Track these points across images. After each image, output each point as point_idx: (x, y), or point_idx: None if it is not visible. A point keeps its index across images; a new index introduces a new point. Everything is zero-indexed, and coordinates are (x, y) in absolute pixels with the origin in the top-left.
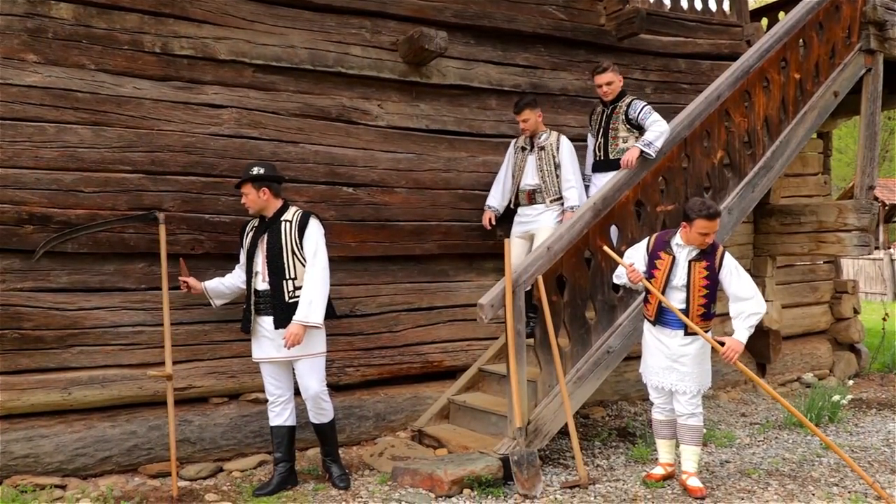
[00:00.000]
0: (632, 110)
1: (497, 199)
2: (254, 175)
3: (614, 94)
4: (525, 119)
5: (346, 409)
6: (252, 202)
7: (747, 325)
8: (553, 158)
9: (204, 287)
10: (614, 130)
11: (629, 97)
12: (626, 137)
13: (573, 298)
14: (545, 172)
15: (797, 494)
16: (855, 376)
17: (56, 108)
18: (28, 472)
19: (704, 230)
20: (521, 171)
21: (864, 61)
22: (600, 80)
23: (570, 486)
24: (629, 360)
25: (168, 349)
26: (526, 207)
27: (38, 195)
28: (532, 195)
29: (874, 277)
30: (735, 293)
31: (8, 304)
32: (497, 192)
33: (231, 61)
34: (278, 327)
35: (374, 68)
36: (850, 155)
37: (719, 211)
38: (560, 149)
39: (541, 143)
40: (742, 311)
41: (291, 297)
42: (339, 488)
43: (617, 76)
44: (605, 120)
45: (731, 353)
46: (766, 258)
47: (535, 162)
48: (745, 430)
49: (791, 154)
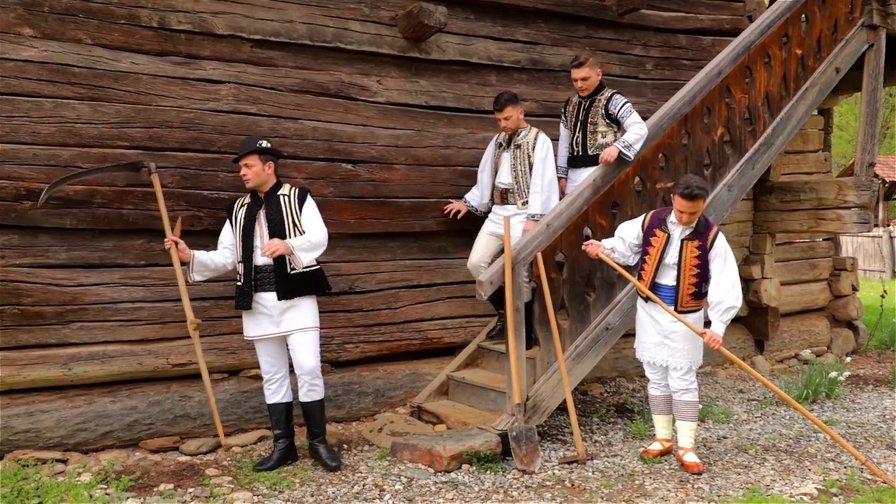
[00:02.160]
0: (612, 105)
1: (476, 196)
2: (262, 147)
3: (591, 88)
4: (507, 116)
5: (346, 386)
6: (255, 175)
7: (724, 319)
8: (528, 158)
9: (192, 256)
10: (593, 125)
11: (609, 90)
12: (606, 132)
13: (572, 275)
14: (518, 172)
15: (793, 470)
16: (852, 353)
17: (53, 83)
18: (29, 446)
19: (682, 209)
20: (497, 168)
21: (867, 37)
22: (577, 74)
23: (568, 462)
24: (628, 337)
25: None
26: (499, 207)
27: (35, 171)
28: (504, 195)
29: (873, 255)
30: (716, 278)
31: (7, 279)
32: (476, 189)
33: (229, 36)
34: (281, 298)
35: (374, 44)
36: (850, 132)
37: (700, 194)
38: (535, 148)
39: (518, 141)
40: (720, 303)
41: (293, 268)
42: (330, 469)
43: (594, 70)
44: (583, 114)
45: (714, 342)
46: (766, 235)
47: (510, 160)
48: (743, 407)
49: (792, 131)
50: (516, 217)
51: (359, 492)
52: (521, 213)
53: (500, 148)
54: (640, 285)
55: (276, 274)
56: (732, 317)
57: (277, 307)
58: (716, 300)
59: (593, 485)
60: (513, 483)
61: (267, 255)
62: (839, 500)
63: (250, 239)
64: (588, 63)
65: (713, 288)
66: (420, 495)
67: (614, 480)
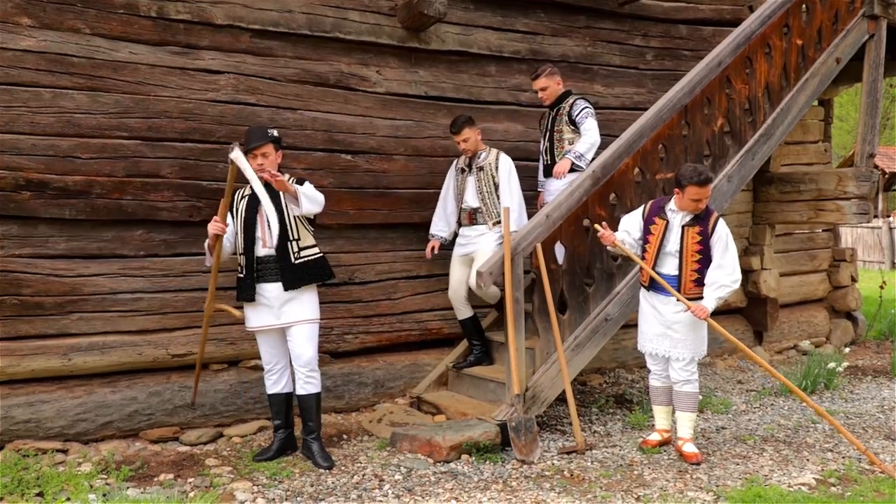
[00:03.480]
0: (574, 110)
1: (440, 226)
2: (275, 136)
3: (552, 98)
4: (465, 139)
5: (346, 376)
6: (272, 164)
7: (717, 294)
8: (492, 179)
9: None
10: (559, 133)
11: (573, 97)
12: (572, 139)
13: (572, 266)
14: (485, 194)
15: (792, 460)
16: (851, 344)
17: (51, 73)
18: (29, 436)
19: (696, 196)
20: (462, 193)
21: (868, 27)
22: (534, 85)
23: (567, 452)
24: (627, 328)
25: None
26: (467, 228)
27: (34, 161)
28: (473, 215)
29: (872, 246)
30: (718, 262)
31: (7, 270)
32: (440, 220)
33: (228, 26)
34: (288, 289)
35: (373, 34)
36: (850, 123)
37: (711, 177)
38: (499, 168)
39: (479, 164)
40: (716, 281)
41: (297, 258)
42: (322, 468)
43: (553, 80)
44: (550, 122)
45: (701, 312)
46: (765, 226)
47: (474, 183)
48: (742, 397)
49: (792, 121)
50: (487, 234)
51: (358, 482)
52: (489, 233)
53: (463, 173)
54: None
55: (280, 264)
56: (725, 295)
57: (279, 298)
58: (712, 279)
59: (592, 475)
60: (512, 473)
61: (270, 178)
62: (837, 489)
63: (252, 231)
64: (544, 74)
65: (714, 270)
66: (419, 485)
67: (613, 471)
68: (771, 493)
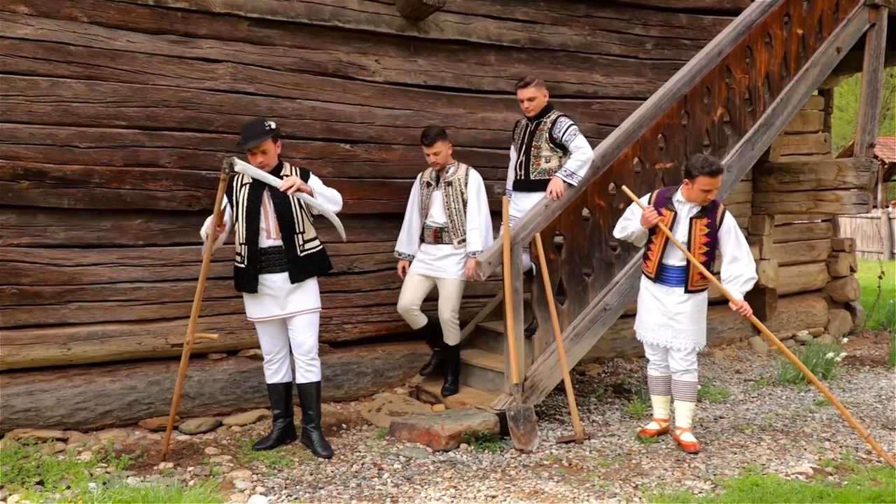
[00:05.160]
0: (556, 129)
1: (406, 244)
2: (273, 129)
3: (537, 109)
4: (437, 152)
5: (345, 366)
6: (272, 159)
7: (745, 289)
8: (461, 195)
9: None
10: (536, 149)
11: (555, 113)
12: (549, 157)
13: (571, 256)
14: (453, 210)
15: (789, 449)
16: (850, 334)
17: (49, 61)
18: (29, 425)
19: (707, 187)
20: (427, 209)
21: (869, 16)
22: (522, 94)
23: (566, 441)
24: (626, 318)
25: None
26: (430, 246)
27: (32, 150)
28: (438, 234)
29: (871, 236)
30: (733, 253)
31: (5, 259)
32: (405, 237)
33: (226, 14)
34: (294, 280)
35: (372, 22)
36: (850, 113)
37: (722, 167)
38: (468, 184)
39: (448, 178)
40: (739, 276)
41: (303, 250)
42: (321, 456)
43: (540, 91)
44: (528, 136)
45: (747, 307)
46: (764, 216)
47: (442, 198)
48: (740, 387)
49: (792, 111)
50: (452, 257)
51: (357, 471)
52: (456, 254)
53: (429, 187)
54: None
55: (286, 256)
56: (750, 287)
57: (284, 289)
58: (735, 273)
59: (590, 464)
60: (510, 462)
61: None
62: (834, 479)
63: (256, 221)
64: (534, 83)
65: (731, 265)
66: (418, 474)
67: (611, 460)
68: (768, 482)
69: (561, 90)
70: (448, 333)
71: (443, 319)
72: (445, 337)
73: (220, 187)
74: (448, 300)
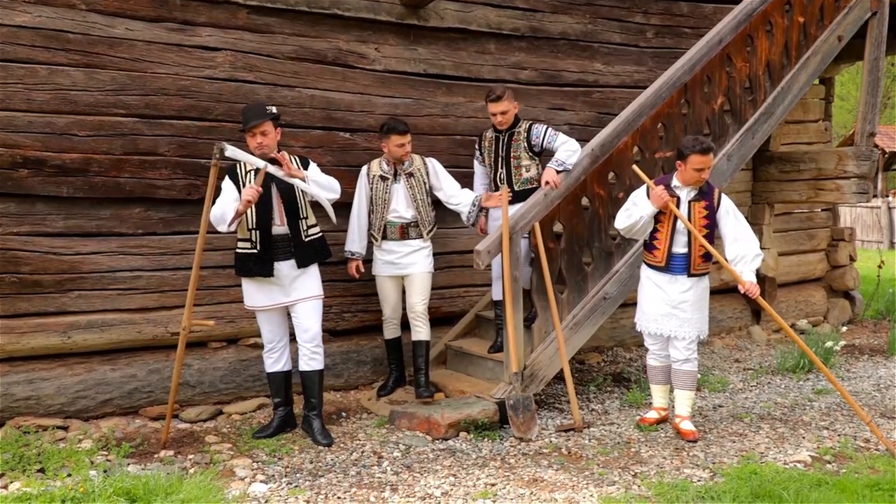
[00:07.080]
0: (534, 136)
1: (357, 243)
2: (274, 113)
3: (509, 122)
4: (504, 110)
5: (345, 354)
6: (272, 142)
7: (752, 267)
8: (424, 185)
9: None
10: (517, 159)
11: (525, 122)
12: (529, 166)
13: (570, 245)
14: (419, 202)
15: (788, 437)
16: (849, 323)
17: (47, 49)
18: (30, 413)
19: (699, 165)
20: (386, 203)
21: (870, 4)
22: (494, 108)
23: (565, 430)
24: (625, 307)
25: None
26: (395, 243)
27: (31, 138)
28: (405, 229)
29: (871, 225)
30: (734, 234)
31: (5, 248)
32: (356, 236)
33: (225, 2)
34: (301, 266)
35: (371, 10)
36: (851, 102)
37: (712, 146)
38: (429, 172)
39: (408, 170)
40: (746, 254)
41: (307, 235)
42: (321, 444)
43: (512, 104)
44: (504, 148)
45: (755, 288)
46: (765, 206)
47: (405, 191)
48: (739, 376)
49: (793, 100)
50: (421, 251)
51: (357, 459)
52: (424, 247)
53: (385, 181)
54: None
55: (293, 242)
56: (759, 264)
57: (289, 276)
58: (741, 253)
59: (590, 452)
60: (510, 451)
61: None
62: (832, 467)
63: (269, 208)
64: (506, 97)
65: (734, 244)
66: (418, 462)
67: (611, 448)
68: (767, 471)
69: (561, 79)
70: (420, 329)
71: (416, 313)
72: (416, 334)
73: (212, 173)
74: (419, 294)
